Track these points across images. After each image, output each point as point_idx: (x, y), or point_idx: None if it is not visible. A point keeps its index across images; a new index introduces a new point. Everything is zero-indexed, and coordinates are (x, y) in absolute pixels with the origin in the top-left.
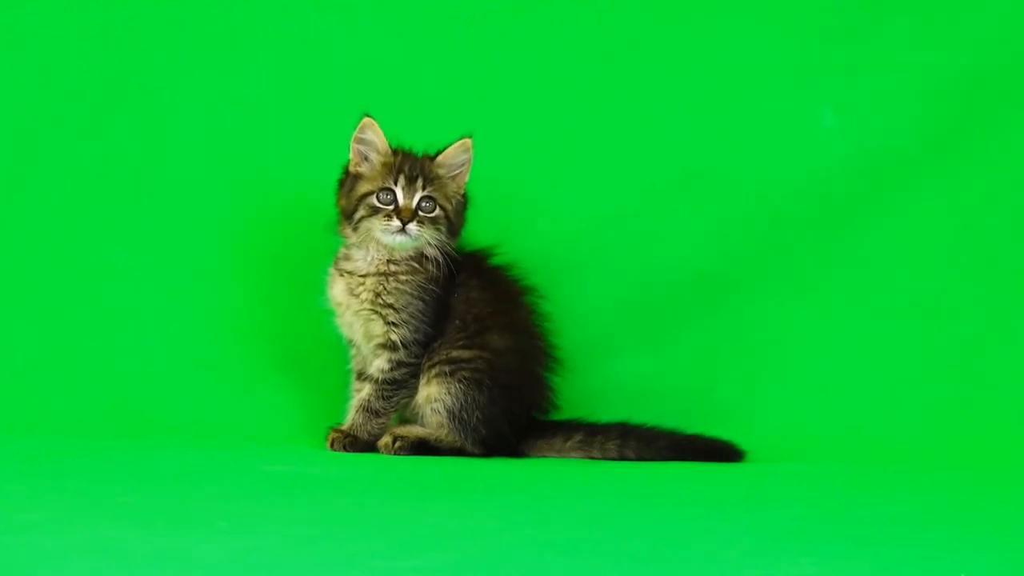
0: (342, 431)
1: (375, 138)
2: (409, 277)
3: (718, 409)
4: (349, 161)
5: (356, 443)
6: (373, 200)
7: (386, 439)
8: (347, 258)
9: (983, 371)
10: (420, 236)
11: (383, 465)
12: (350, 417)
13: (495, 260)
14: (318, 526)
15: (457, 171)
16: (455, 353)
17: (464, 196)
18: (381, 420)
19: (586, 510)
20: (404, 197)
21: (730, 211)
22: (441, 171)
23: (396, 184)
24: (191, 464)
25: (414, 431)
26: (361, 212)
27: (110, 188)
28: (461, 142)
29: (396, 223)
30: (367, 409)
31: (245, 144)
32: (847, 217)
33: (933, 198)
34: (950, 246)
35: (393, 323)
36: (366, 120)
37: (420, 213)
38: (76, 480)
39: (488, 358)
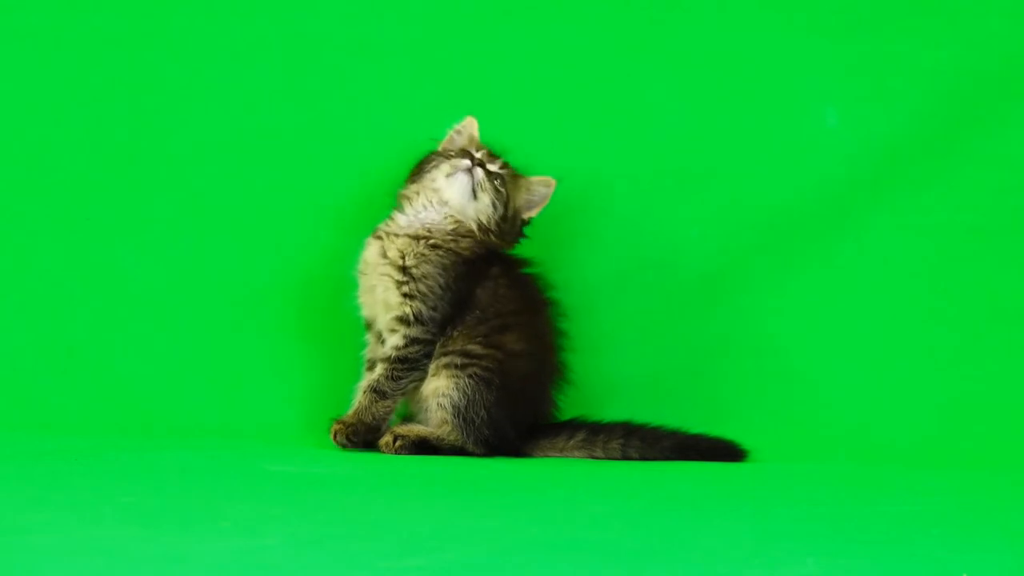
0: (344, 422)
1: (472, 132)
2: (440, 248)
3: (719, 409)
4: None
5: (358, 431)
6: (449, 153)
7: (387, 438)
8: (388, 221)
9: (986, 371)
10: (483, 192)
11: (384, 464)
12: (356, 401)
13: (530, 269)
14: (320, 526)
15: (531, 199)
16: (470, 347)
17: (525, 220)
18: (387, 403)
19: (588, 510)
20: (480, 156)
21: (731, 210)
22: (519, 182)
23: (477, 152)
24: (193, 464)
25: (415, 430)
26: (432, 163)
27: (111, 188)
28: (547, 179)
29: (466, 161)
30: (375, 390)
31: (247, 143)
32: (849, 216)
33: (936, 197)
34: (953, 245)
35: (408, 294)
36: (469, 119)
37: (490, 169)
38: (77, 480)
39: (501, 358)
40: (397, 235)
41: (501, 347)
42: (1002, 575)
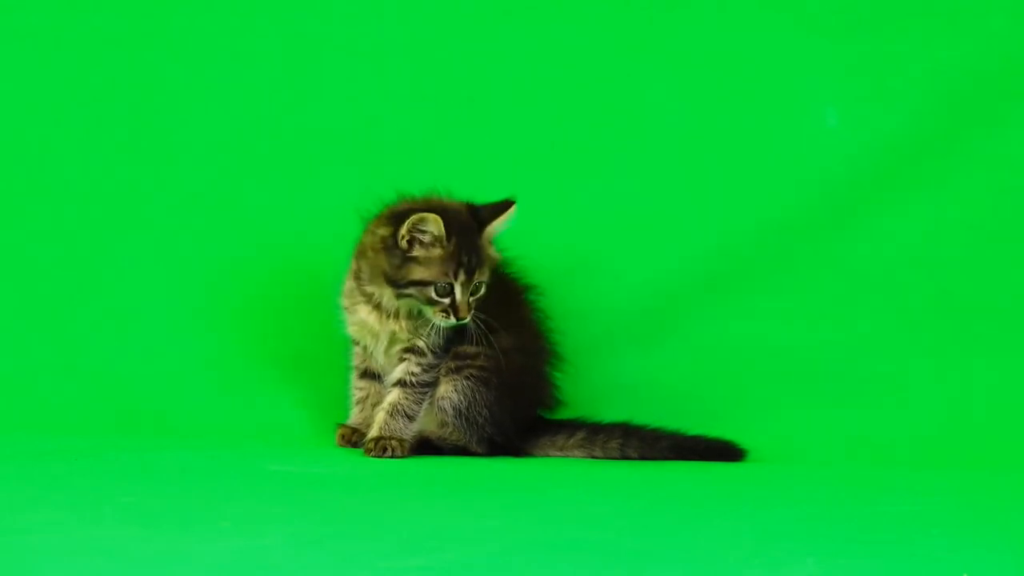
0: (375, 438)
1: (436, 231)
2: None
3: (718, 409)
4: (401, 226)
5: (403, 445)
6: (430, 292)
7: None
8: (373, 288)
9: (986, 370)
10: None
11: (386, 464)
12: (381, 423)
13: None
14: (321, 525)
15: (496, 233)
16: (462, 349)
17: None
18: (415, 423)
19: (588, 510)
20: (462, 293)
21: (732, 210)
22: (489, 247)
23: (456, 279)
24: (194, 464)
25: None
26: (412, 293)
27: (113, 188)
28: (509, 211)
29: (453, 320)
30: (403, 415)
31: (247, 146)
32: (850, 217)
33: (937, 198)
34: (954, 245)
35: (421, 332)
36: (431, 216)
37: (471, 299)
38: (78, 480)
39: (494, 356)
40: (395, 313)
41: (493, 345)
42: (1002, 575)
